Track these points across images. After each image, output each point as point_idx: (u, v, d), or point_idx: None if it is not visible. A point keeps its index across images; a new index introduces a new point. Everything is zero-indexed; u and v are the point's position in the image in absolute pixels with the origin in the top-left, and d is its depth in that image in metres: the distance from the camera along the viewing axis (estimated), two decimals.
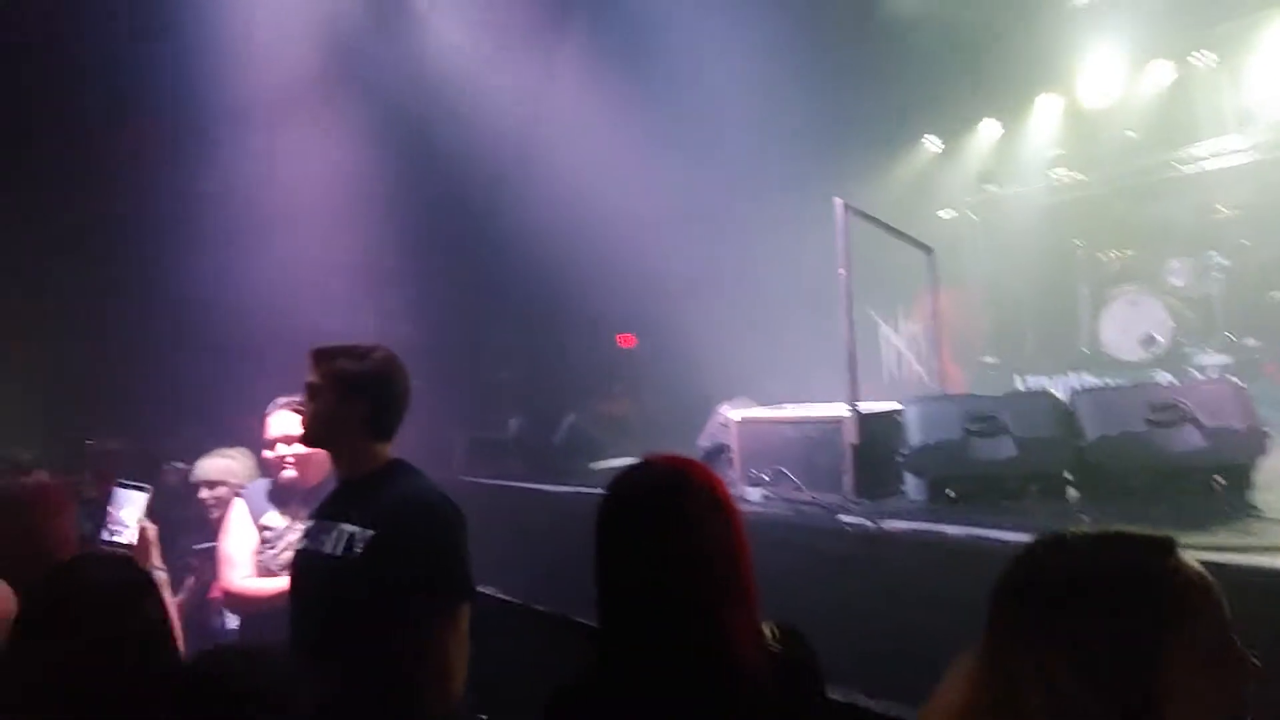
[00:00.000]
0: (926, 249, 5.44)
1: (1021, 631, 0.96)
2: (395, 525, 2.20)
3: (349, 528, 2.26)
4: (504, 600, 3.89)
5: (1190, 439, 3.86)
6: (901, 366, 9.54)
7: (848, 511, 4.12)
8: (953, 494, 4.12)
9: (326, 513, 2.40)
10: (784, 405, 5.41)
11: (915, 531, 3.74)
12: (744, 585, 1.44)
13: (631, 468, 1.55)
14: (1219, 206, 7.76)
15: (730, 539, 1.45)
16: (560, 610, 4.06)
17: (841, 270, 4.37)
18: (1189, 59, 8.58)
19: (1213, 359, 7.20)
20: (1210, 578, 0.95)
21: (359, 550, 2.20)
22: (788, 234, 8.69)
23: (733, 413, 4.94)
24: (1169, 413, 3.93)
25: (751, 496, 4.60)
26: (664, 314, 10.80)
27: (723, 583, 1.42)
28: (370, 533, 2.21)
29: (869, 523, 3.86)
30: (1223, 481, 3.86)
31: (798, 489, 4.50)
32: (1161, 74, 8.84)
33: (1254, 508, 3.53)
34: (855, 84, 9.48)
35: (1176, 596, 0.92)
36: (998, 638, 0.98)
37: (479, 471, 6.84)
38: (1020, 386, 7.99)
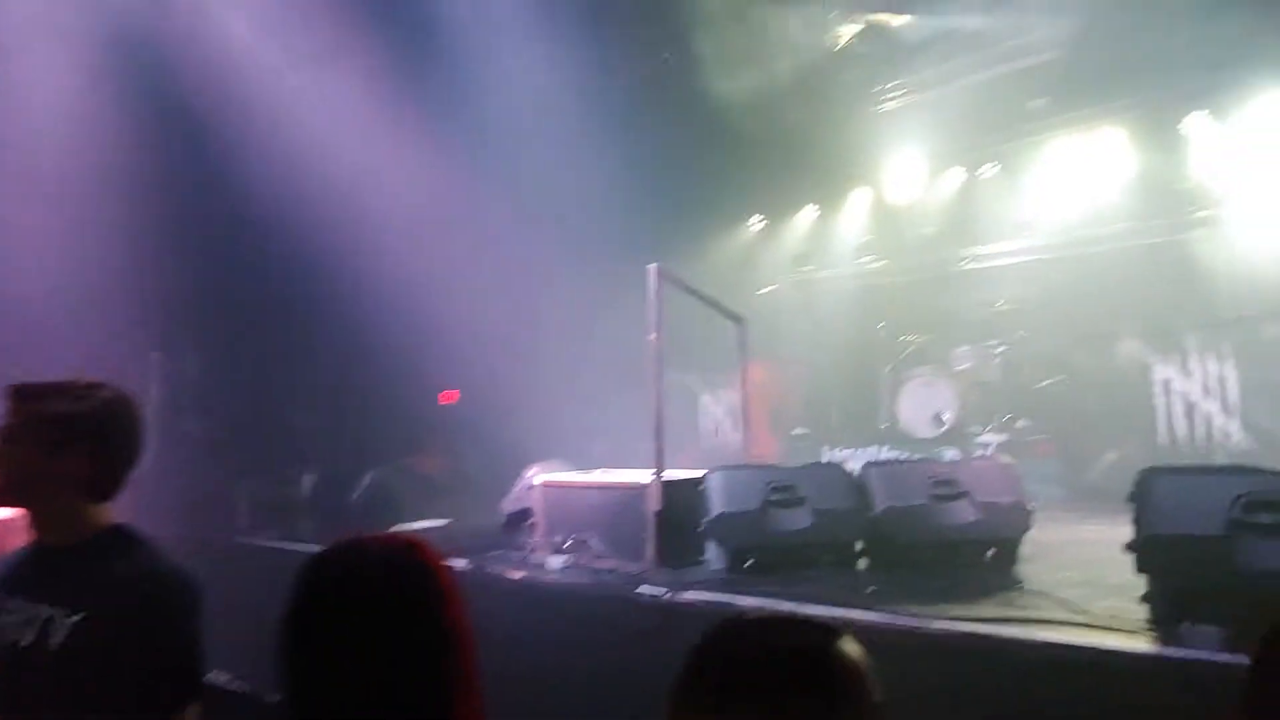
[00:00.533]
0: (738, 319, 5.58)
1: (697, 715, 0.92)
2: (108, 609, 1.77)
3: (46, 610, 1.82)
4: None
5: (965, 513, 4.08)
6: (720, 435, 9.74)
7: (648, 581, 4.01)
8: (751, 563, 4.11)
9: (14, 588, 1.95)
10: (597, 470, 5.30)
11: (711, 603, 3.68)
12: (466, 692, 1.25)
13: (336, 548, 1.30)
14: (1000, 300, 8.59)
15: (453, 634, 1.25)
16: None
17: (652, 335, 4.34)
18: (978, 169, 9.58)
19: (992, 437, 7.83)
20: (868, 665, 0.94)
21: (58, 639, 1.77)
22: (618, 299, 8.75)
23: (537, 476, 4.75)
24: (947, 488, 4.15)
25: (552, 565, 4.40)
26: (489, 372, 10.52)
27: (440, 687, 1.22)
28: (74, 618, 1.79)
29: (666, 593, 3.76)
30: (992, 554, 4.10)
31: (599, 557, 4.36)
32: (955, 179, 9.82)
33: (1018, 580, 3.74)
34: (687, 161, 9.85)
35: (842, 682, 0.92)
36: None
37: (264, 533, 6.19)
38: (825, 459, 8.35)
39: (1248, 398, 6.69)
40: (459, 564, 4.66)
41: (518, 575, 4.33)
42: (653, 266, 4.39)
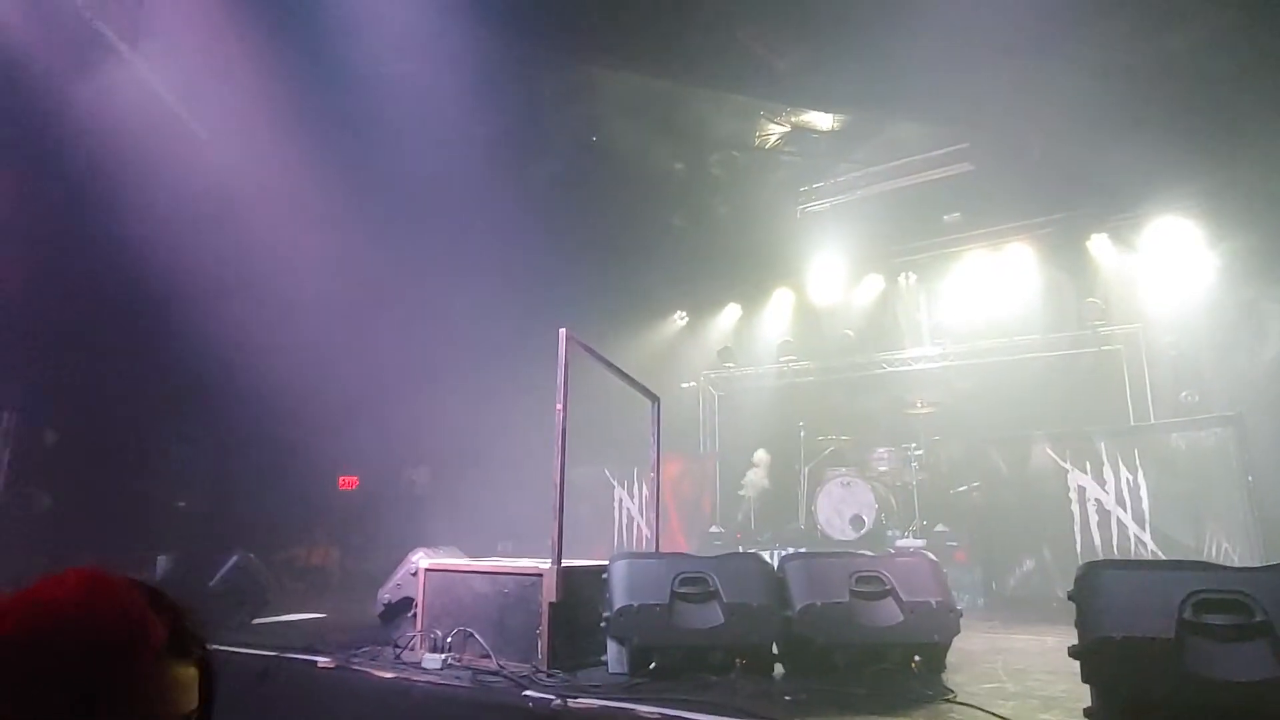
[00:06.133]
0: (654, 398, 5.26)
1: None
2: None
3: None
4: None
5: (890, 613, 3.73)
6: (632, 531, 9.26)
7: (537, 685, 3.49)
8: (654, 665, 3.64)
9: None
10: (492, 557, 4.78)
11: (607, 711, 3.19)
12: None
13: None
14: (918, 403, 8.56)
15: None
16: None
17: (559, 405, 3.96)
18: (896, 277, 9.80)
19: (910, 542, 7.60)
20: None
21: None
22: (540, 393, 8.39)
23: (422, 560, 4.21)
24: (872, 584, 3.82)
25: (427, 664, 3.82)
26: (396, 459, 9.87)
27: None
28: None
29: (556, 700, 3.25)
30: (919, 660, 3.73)
31: (483, 655, 3.81)
32: (874, 285, 10.00)
33: (948, 690, 3.38)
34: (617, 253, 9.76)
35: None
36: None
37: None
38: None
39: (1156, 507, 6.66)
40: (322, 661, 4.04)
41: (385, 675, 3.74)
42: (563, 330, 4.06)
